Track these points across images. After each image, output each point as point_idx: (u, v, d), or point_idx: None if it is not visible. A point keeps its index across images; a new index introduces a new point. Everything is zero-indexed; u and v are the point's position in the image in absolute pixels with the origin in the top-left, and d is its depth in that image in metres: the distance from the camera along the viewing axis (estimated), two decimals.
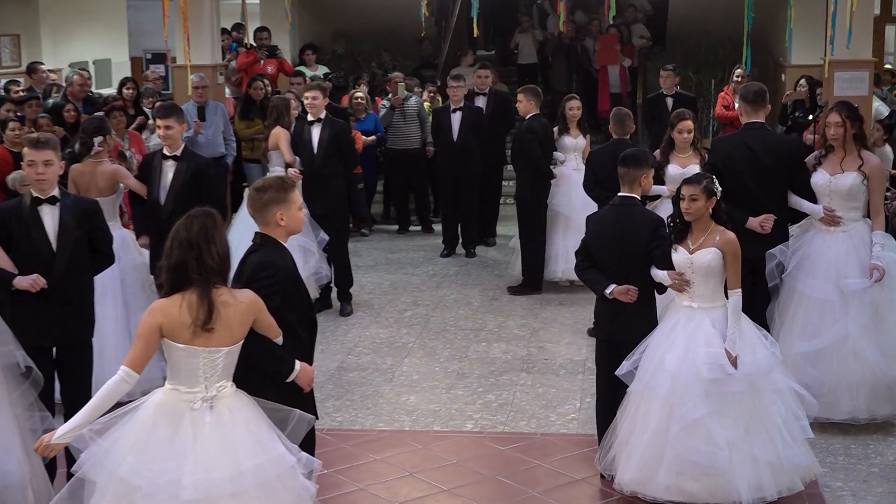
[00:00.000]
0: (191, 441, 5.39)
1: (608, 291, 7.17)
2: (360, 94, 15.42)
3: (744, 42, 13.46)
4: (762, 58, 17.16)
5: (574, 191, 11.76)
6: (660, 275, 7.06)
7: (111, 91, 16.25)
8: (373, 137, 15.14)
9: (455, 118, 13.79)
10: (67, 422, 5.51)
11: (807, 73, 14.41)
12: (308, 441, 5.97)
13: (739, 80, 14.52)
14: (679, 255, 6.97)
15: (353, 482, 7.47)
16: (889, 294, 8.12)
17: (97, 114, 11.28)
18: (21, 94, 13.29)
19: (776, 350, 7.00)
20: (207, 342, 5.43)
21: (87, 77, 14.20)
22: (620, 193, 7.34)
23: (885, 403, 8.11)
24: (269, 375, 5.84)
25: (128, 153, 10.40)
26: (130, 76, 16.05)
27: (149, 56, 21.14)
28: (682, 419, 6.72)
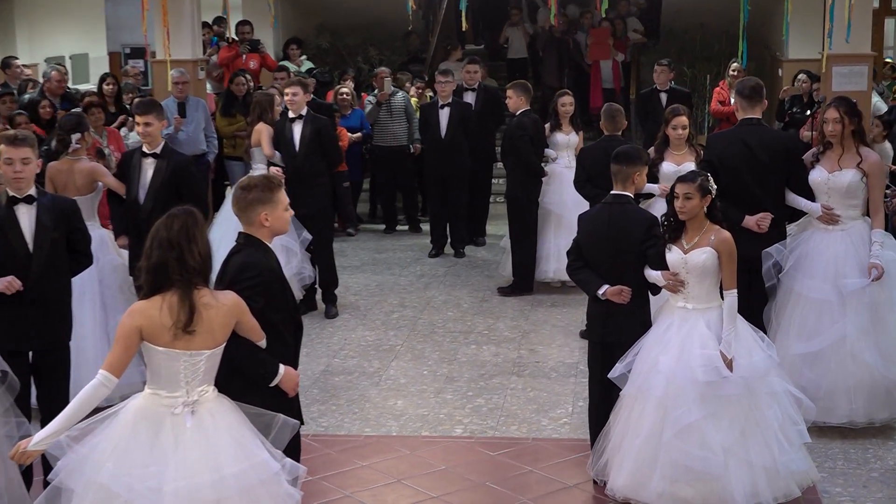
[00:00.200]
0: (172, 447, 5.39)
1: (601, 292, 7.18)
2: (346, 90, 15.42)
3: (740, 36, 13.49)
4: (759, 52, 17.19)
5: (566, 189, 11.76)
6: (653, 275, 7.08)
7: (89, 87, 16.24)
8: (359, 134, 15.14)
9: (443, 114, 13.81)
10: (44, 428, 5.50)
11: (804, 68, 14.45)
12: (293, 447, 5.98)
13: (735, 75, 14.56)
14: (673, 255, 6.99)
15: (339, 489, 7.47)
16: (888, 294, 8.15)
17: (74, 110, 11.26)
18: None
19: (773, 352, 7.01)
20: (188, 345, 5.43)
21: (65, 73, 14.19)
22: (613, 191, 7.34)
23: (884, 407, 8.13)
24: (253, 379, 5.84)
25: (106, 151, 10.39)
26: (110, 72, 16.02)
27: (127, 51, 21.11)
28: (676, 423, 6.73)
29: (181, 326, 5.38)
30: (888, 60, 19.08)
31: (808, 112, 13.40)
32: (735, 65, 14.98)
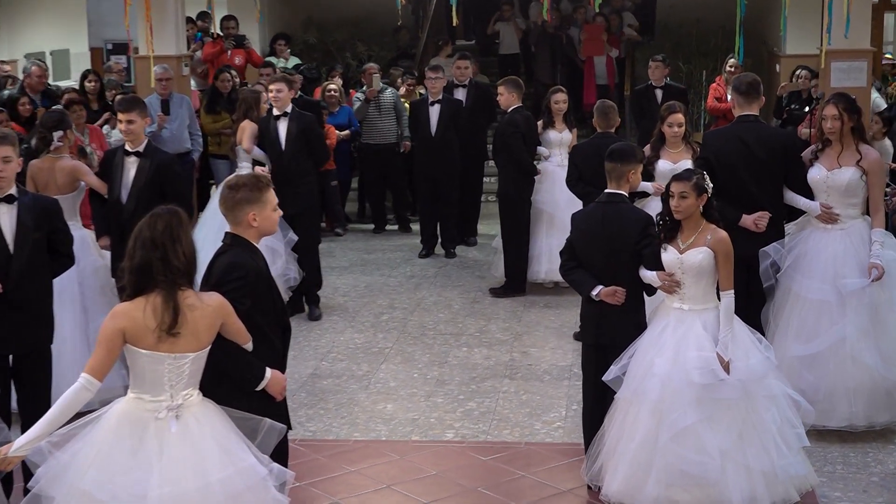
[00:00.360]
0: (156, 452, 5.38)
1: (595, 293, 7.19)
2: (334, 87, 15.42)
3: (736, 31, 13.50)
4: (756, 47, 17.22)
5: (558, 187, 11.77)
6: (648, 275, 7.08)
7: (70, 83, 16.21)
8: (347, 132, 15.15)
9: (433, 111, 13.81)
10: (25, 433, 5.48)
11: (802, 63, 14.46)
12: (280, 452, 5.98)
13: (732, 71, 14.58)
14: (669, 255, 6.99)
15: (328, 495, 7.47)
16: (889, 294, 8.15)
17: (56, 107, 11.24)
18: None
19: (770, 354, 7.01)
20: (173, 348, 5.43)
21: (45, 68, 14.16)
22: (607, 190, 7.35)
23: (885, 410, 8.15)
24: (239, 383, 5.84)
25: (88, 149, 10.38)
26: (91, 68, 16.00)
27: (109, 46, 21.09)
28: (672, 427, 6.73)
29: (165, 328, 5.37)
30: (888, 56, 19.12)
31: (807, 109, 13.42)
32: (732, 60, 14.99)
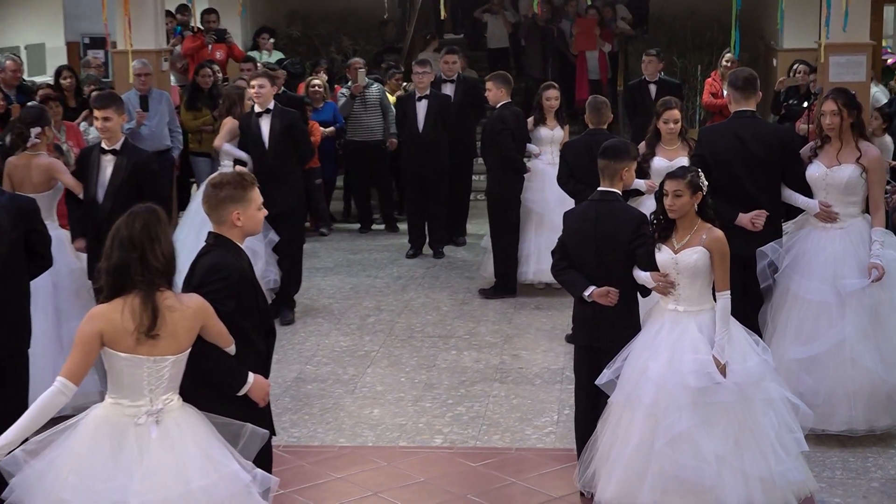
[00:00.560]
0: (136, 459, 5.37)
1: (587, 294, 7.19)
2: (318, 82, 15.40)
3: (732, 24, 13.51)
4: (752, 41, 17.25)
5: (548, 186, 11.77)
6: (642, 276, 7.08)
7: (45, 79, 16.17)
8: (332, 129, 15.13)
9: (420, 107, 13.81)
10: None
11: (800, 58, 14.49)
12: (264, 458, 5.98)
13: (728, 66, 14.60)
14: (663, 255, 6.98)
15: (313, 503, 7.46)
16: (889, 295, 8.16)
17: (32, 103, 11.20)
18: None
19: (768, 357, 7.01)
20: (152, 350, 5.42)
21: (20, 63, 14.12)
22: (600, 188, 7.35)
23: (885, 413, 8.16)
24: (220, 388, 5.83)
25: (64, 146, 10.35)
26: (67, 63, 15.94)
27: (86, 41, 20.99)
28: (667, 432, 6.73)
29: (144, 331, 5.37)
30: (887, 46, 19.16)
31: (805, 104, 13.44)
32: (728, 55, 15.00)
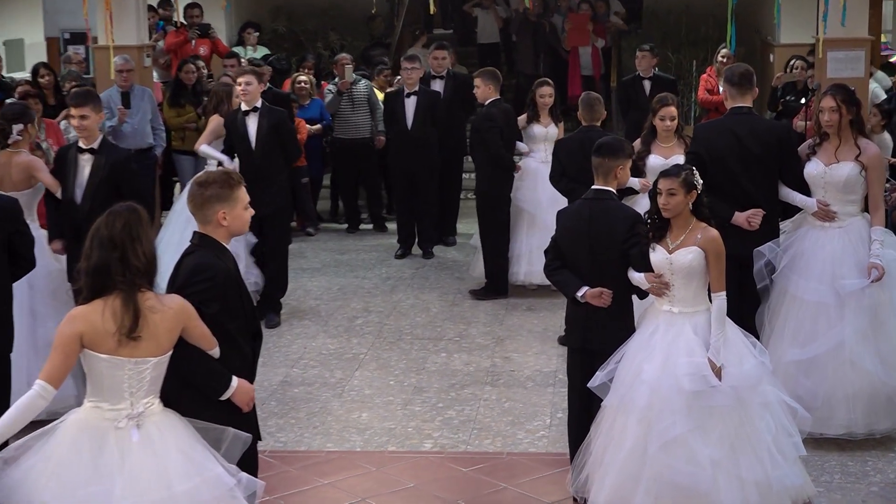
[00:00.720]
0: (117, 463, 5.37)
1: (580, 294, 7.18)
2: (304, 78, 15.38)
3: (728, 19, 13.53)
4: (748, 36, 17.25)
5: (541, 186, 11.74)
6: (636, 277, 7.07)
7: (24, 75, 16.11)
8: (318, 126, 15.11)
9: (409, 104, 13.79)
10: None
11: (797, 53, 14.49)
12: (250, 464, 5.97)
13: (724, 61, 14.59)
14: (657, 256, 6.96)
15: None
16: (889, 296, 8.17)
17: (10, 100, 11.17)
18: None
19: (766, 359, 7.02)
20: (133, 352, 5.41)
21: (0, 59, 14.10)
22: (594, 186, 7.34)
23: (885, 417, 8.17)
24: (202, 391, 5.82)
25: (44, 144, 10.33)
26: (46, 61, 15.89)
27: (67, 36, 20.95)
28: (661, 436, 6.72)
29: (125, 332, 5.36)
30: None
31: (802, 100, 13.46)
32: (723, 50, 15.01)
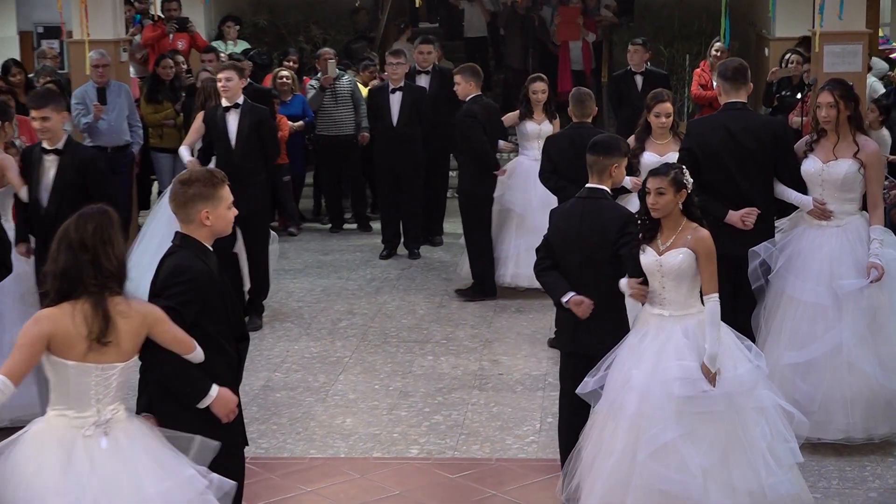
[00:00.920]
0: (87, 472, 5.36)
1: (564, 300, 7.15)
2: (286, 74, 15.34)
3: (722, 12, 13.55)
4: (743, 29, 17.28)
5: (531, 186, 11.66)
6: (622, 283, 7.04)
7: None
8: (300, 123, 15.08)
9: (394, 100, 13.77)
10: None
11: (793, 47, 14.50)
12: (236, 471, 5.96)
13: (717, 55, 14.61)
14: (647, 257, 6.92)
15: None
16: (888, 297, 8.16)
17: None
18: None
19: (761, 362, 6.97)
20: (100, 358, 5.41)
21: None
22: (588, 185, 7.32)
23: (884, 421, 8.16)
24: (178, 398, 5.80)
25: (17, 142, 10.29)
26: (17, 58, 15.80)
27: (40, 30, 20.91)
28: (651, 443, 6.69)
29: (95, 337, 5.35)
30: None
31: (798, 95, 13.46)
32: (717, 44, 15.01)
